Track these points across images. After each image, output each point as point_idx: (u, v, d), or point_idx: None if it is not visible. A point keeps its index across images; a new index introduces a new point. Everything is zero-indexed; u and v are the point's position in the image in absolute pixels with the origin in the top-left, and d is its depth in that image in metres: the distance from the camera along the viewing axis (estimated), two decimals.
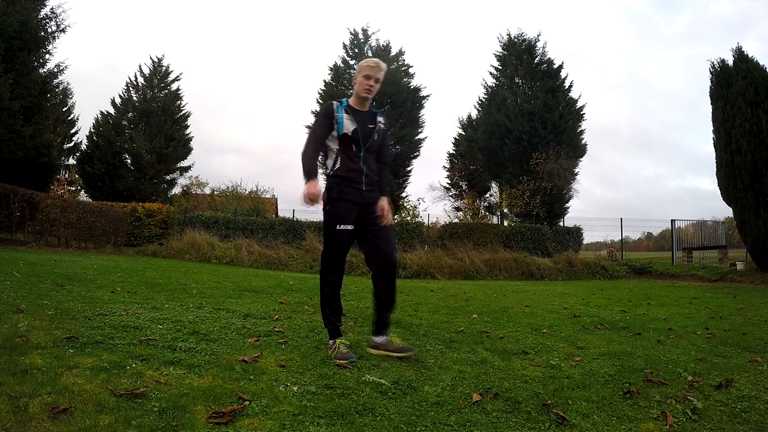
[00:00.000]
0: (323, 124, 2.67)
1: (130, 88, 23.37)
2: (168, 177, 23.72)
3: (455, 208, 24.42)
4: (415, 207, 20.92)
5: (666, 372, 2.53)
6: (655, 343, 3.34)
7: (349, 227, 2.63)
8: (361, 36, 20.89)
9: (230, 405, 1.72)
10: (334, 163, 2.67)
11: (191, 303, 4.01)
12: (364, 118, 2.71)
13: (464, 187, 24.29)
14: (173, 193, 24.18)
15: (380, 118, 2.81)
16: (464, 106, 78.62)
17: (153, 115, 22.53)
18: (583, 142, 20.10)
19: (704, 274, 12.17)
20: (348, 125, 2.64)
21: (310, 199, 2.54)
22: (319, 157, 2.76)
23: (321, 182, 2.69)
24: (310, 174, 2.58)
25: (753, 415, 1.90)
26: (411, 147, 20.50)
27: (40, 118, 13.76)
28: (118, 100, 22.94)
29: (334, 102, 2.73)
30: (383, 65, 2.72)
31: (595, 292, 8.02)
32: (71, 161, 24.03)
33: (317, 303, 4.76)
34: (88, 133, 22.15)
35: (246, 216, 16.24)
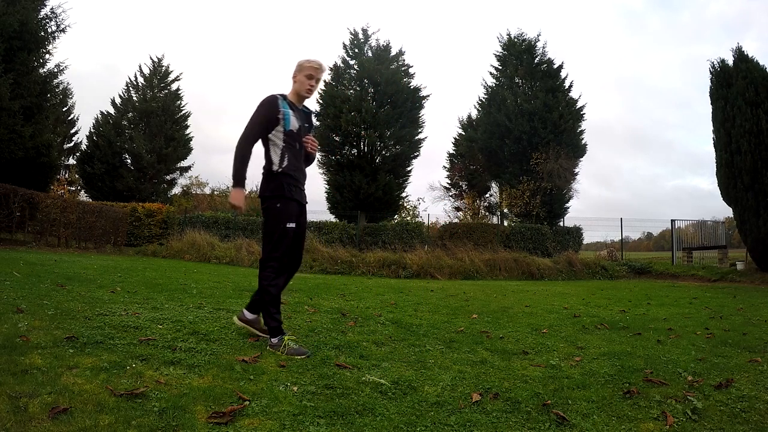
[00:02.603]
0: (270, 118, 2.60)
1: (130, 88, 23.38)
2: (168, 177, 23.72)
3: (455, 208, 24.42)
4: (415, 207, 20.95)
5: (666, 372, 2.53)
6: (655, 343, 3.34)
7: (293, 225, 2.65)
8: (361, 36, 20.86)
9: (230, 405, 1.72)
10: (282, 160, 2.63)
11: (191, 303, 4.01)
12: (303, 117, 2.73)
13: (464, 187, 24.27)
14: (173, 193, 24.20)
15: (313, 118, 2.82)
16: (464, 106, 78.66)
17: (153, 115, 22.53)
18: (583, 142, 20.10)
19: (704, 274, 12.17)
20: (294, 122, 2.64)
21: (237, 208, 2.57)
22: (253, 151, 2.69)
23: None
24: (241, 180, 2.58)
25: (753, 415, 1.90)
26: (411, 147, 20.46)
27: (40, 118, 13.76)
28: (118, 100, 22.94)
29: (277, 95, 2.66)
30: (325, 66, 2.74)
31: (595, 292, 8.01)
32: (71, 161, 24.03)
33: (317, 303, 4.77)
34: (88, 133, 22.16)
35: (246, 216, 16.23)
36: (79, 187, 23.49)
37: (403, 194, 21.12)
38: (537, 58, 20.59)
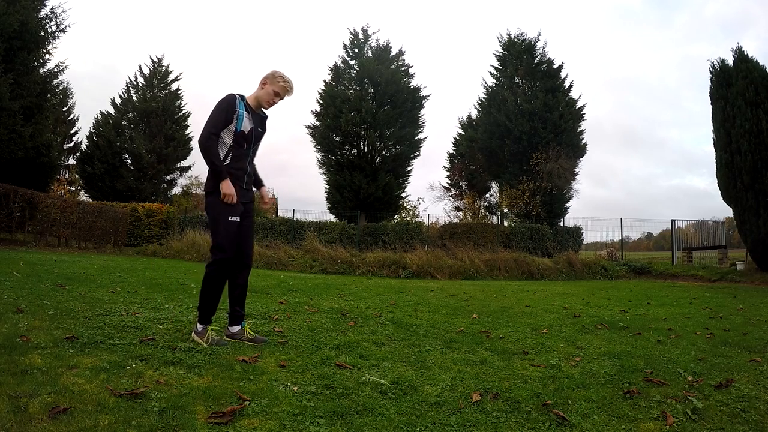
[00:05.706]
0: (225, 117, 2.64)
1: (130, 88, 23.38)
2: (168, 177, 23.72)
3: (455, 208, 24.44)
4: (415, 207, 20.97)
5: (666, 372, 2.52)
6: (655, 343, 3.34)
7: (237, 219, 2.68)
8: (361, 36, 20.87)
9: (230, 405, 1.72)
10: (225, 157, 2.68)
11: (191, 303, 4.01)
12: (257, 120, 2.78)
13: (464, 187, 24.28)
14: (173, 193, 24.21)
15: (267, 123, 2.90)
16: (464, 106, 78.64)
17: (153, 115, 22.53)
18: (583, 142, 20.12)
19: (704, 274, 12.16)
20: (246, 124, 2.69)
21: (231, 197, 2.60)
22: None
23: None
24: (224, 171, 2.62)
25: (753, 415, 1.90)
26: (411, 147, 20.47)
27: (40, 118, 13.76)
28: (118, 100, 22.94)
29: (236, 95, 2.72)
30: (295, 90, 2.84)
31: (595, 292, 8.01)
32: (71, 161, 24.03)
33: (317, 303, 4.77)
34: (88, 133, 22.17)
35: None
36: (79, 187, 23.50)
37: (403, 194, 21.14)
38: (537, 58, 20.60)
